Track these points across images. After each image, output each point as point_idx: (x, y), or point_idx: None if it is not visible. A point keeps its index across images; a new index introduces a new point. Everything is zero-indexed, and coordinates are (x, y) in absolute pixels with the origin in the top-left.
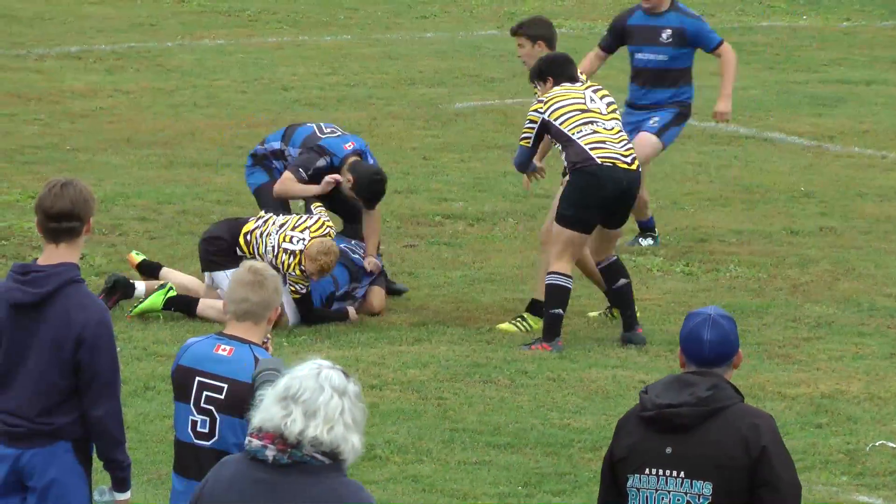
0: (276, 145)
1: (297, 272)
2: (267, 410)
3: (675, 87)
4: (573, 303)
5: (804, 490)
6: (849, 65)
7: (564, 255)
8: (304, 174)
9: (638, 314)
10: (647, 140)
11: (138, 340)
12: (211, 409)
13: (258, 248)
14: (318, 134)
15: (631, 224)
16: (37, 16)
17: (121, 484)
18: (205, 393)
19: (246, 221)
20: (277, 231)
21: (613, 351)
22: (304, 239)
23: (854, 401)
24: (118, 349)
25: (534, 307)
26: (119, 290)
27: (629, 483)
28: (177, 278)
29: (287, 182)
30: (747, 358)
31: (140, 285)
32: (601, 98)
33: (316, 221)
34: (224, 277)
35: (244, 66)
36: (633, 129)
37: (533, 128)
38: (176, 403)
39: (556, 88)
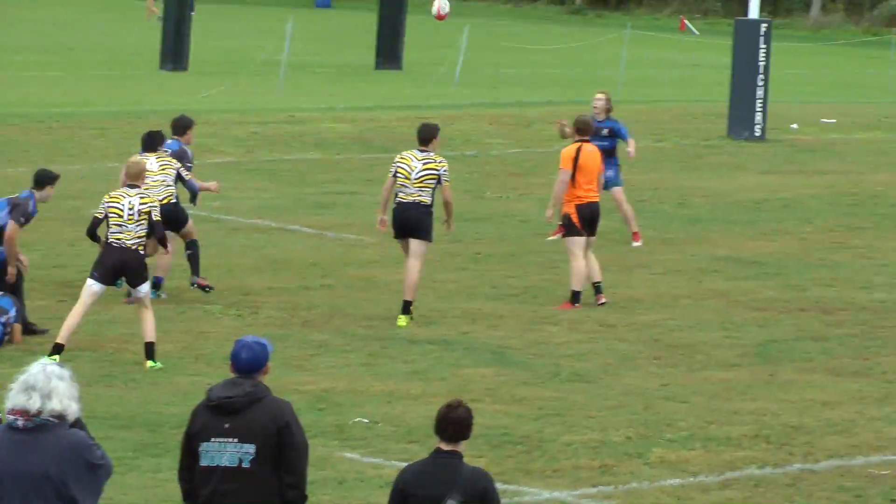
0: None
1: None
2: (15, 398)
3: None
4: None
5: (311, 450)
6: None
7: None
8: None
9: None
10: None
11: None
12: None
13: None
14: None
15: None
16: None
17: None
18: None
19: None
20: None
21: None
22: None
23: (338, 393)
24: None
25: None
26: None
27: (201, 448)
28: None
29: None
30: (275, 368)
31: None
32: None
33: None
34: None
35: None
36: None
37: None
38: None
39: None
